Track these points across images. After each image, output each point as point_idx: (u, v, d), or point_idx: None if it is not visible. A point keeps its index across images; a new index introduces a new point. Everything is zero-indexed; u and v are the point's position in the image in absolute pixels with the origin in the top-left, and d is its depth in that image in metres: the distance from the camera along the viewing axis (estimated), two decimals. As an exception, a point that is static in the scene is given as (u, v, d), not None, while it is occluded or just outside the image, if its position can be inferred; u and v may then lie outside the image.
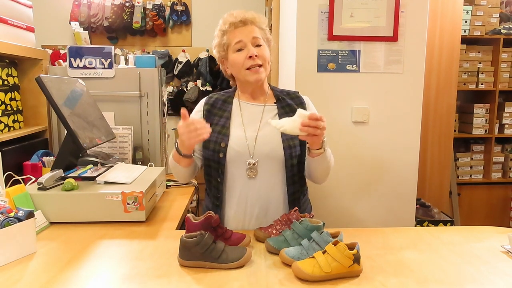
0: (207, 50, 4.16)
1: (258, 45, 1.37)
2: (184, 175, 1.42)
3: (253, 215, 1.40)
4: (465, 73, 3.37)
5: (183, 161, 1.34)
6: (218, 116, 1.43)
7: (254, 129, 1.40)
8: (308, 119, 1.17)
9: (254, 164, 1.36)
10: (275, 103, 1.45)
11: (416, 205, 2.28)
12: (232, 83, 1.52)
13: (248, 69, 1.36)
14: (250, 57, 1.34)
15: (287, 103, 1.44)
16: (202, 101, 1.49)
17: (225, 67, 1.46)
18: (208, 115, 1.44)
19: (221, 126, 1.40)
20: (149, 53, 4.11)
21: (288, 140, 1.37)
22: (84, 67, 2.13)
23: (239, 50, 1.36)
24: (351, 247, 1.04)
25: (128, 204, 1.43)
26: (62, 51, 3.79)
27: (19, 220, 1.16)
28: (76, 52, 2.13)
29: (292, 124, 1.20)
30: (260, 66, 1.36)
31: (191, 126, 1.20)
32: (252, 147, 1.37)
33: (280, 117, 1.41)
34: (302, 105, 1.45)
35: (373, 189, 2.02)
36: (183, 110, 1.22)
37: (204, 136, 1.20)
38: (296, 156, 1.39)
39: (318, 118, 1.18)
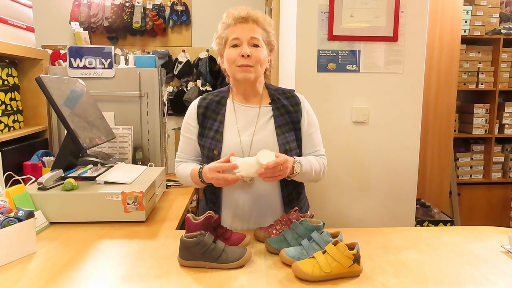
0: (207, 50, 4.15)
1: (255, 45, 1.33)
2: (195, 186, 1.45)
3: (250, 220, 1.39)
4: (465, 73, 3.37)
5: (200, 184, 1.36)
6: (211, 119, 1.40)
7: (249, 133, 1.37)
8: (264, 169, 1.17)
9: None
10: (269, 103, 1.42)
11: (416, 205, 2.28)
12: (228, 79, 1.49)
13: (238, 66, 1.34)
14: (243, 55, 1.31)
15: (282, 103, 1.41)
16: (195, 102, 1.45)
17: (222, 60, 1.43)
18: (203, 119, 1.41)
19: (215, 131, 1.38)
20: (149, 53, 4.11)
21: (284, 145, 1.35)
22: (84, 67, 2.13)
23: (235, 46, 1.34)
24: (351, 247, 1.04)
25: (128, 204, 1.43)
26: (62, 51, 3.77)
27: (19, 220, 1.16)
28: (76, 52, 2.13)
29: (248, 169, 1.20)
30: (251, 66, 1.33)
31: (220, 177, 1.24)
32: (247, 154, 1.34)
33: (275, 119, 1.39)
34: (297, 105, 1.42)
35: (373, 189, 2.02)
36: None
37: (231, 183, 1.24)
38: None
39: (274, 166, 1.17)
